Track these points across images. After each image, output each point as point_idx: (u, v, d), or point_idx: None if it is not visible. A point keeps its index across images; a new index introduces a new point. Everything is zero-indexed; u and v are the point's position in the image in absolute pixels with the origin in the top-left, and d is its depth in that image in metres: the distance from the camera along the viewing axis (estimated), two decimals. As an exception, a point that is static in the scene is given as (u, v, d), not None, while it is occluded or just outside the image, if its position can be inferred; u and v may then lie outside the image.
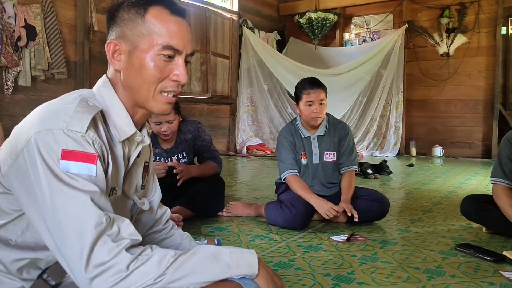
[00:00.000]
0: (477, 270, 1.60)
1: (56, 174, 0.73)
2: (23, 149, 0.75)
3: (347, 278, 1.51)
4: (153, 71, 0.84)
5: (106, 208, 0.75)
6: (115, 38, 0.86)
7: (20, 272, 0.83)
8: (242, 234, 2.07)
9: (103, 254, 0.71)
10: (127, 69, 0.86)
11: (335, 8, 7.05)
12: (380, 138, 6.63)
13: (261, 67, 6.68)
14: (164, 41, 0.84)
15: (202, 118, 6.06)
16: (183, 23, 0.87)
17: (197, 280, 0.76)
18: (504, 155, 1.95)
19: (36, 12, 3.88)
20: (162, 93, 0.87)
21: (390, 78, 6.45)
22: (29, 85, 3.86)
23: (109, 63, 0.88)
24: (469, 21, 6.12)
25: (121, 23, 0.86)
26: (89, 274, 0.70)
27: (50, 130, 0.74)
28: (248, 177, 4.23)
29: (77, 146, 0.75)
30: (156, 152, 2.39)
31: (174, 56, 0.86)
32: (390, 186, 3.72)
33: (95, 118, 0.80)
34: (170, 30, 0.84)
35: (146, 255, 0.74)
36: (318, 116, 2.30)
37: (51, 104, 0.81)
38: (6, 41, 3.61)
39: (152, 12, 0.84)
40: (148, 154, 1.05)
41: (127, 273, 0.71)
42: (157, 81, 0.85)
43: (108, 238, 0.72)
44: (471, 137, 6.24)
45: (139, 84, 0.85)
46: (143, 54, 0.84)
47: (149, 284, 0.72)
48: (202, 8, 6.12)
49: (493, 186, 1.99)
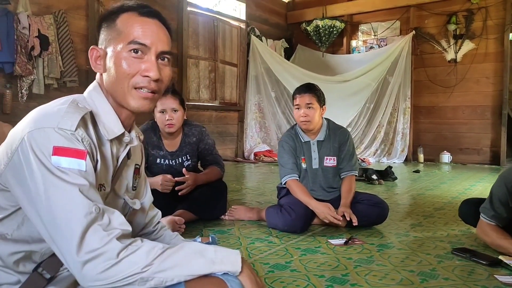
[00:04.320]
0: (472, 274, 1.62)
1: (48, 169, 0.78)
2: (17, 147, 0.80)
3: (341, 279, 1.54)
4: (123, 67, 0.90)
5: (95, 200, 0.80)
6: (97, 45, 0.95)
7: (17, 265, 0.88)
8: (243, 237, 2.13)
9: (95, 241, 0.76)
10: (105, 71, 0.93)
11: (343, 15, 7.11)
12: (388, 145, 6.63)
13: (268, 74, 6.77)
14: (130, 37, 0.90)
15: (210, 125, 6.15)
16: (152, 22, 0.93)
17: (182, 273, 0.80)
18: (496, 197, 1.84)
19: (49, 23, 4.03)
20: (136, 89, 0.92)
21: (397, 84, 6.47)
22: (42, 93, 3.99)
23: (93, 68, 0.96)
24: (476, 27, 6.12)
25: (101, 31, 0.95)
26: (81, 258, 0.75)
27: (42, 129, 0.80)
28: (254, 182, 4.29)
29: (67, 143, 0.80)
30: (161, 155, 2.45)
31: (144, 53, 0.91)
32: (394, 191, 3.74)
33: (84, 118, 0.86)
34: (136, 28, 0.91)
35: (136, 246, 0.79)
36: (306, 120, 2.34)
37: (44, 107, 0.87)
38: (21, 51, 3.75)
39: (123, 16, 0.93)
40: (139, 158, 1.11)
41: (116, 260, 0.76)
42: (128, 77, 0.91)
43: (99, 227, 0.77)
44: (480, 144, 6.20)
45: (115, 82, 0.92)
46: (115, 54, 0.91)
47: (136, 273, 0.77)
48: (211, 17, 6.24)
49: (480, 221, 1.93)
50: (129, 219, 1.07)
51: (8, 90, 3.76)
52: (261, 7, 7.15)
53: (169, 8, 5.50)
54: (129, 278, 0.77)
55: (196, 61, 6.06)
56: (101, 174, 0.91)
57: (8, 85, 3.78)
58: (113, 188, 0.98)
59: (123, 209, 1.05)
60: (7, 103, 3.74)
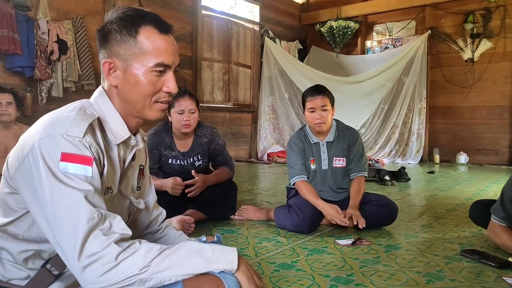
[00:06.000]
0: (479, 275, 1.61)
1: (56, 174, 0.81)
2: (28, 153, 0.84)
3: (346, 279, 1.55)
4: (147, 86, 0.94)
5: (99, 206, 0.83)
6: (109, 57, 0.95)
7: (26, 262, 0.92)
8: (251, 236, 2.16)
9: (95, 246, 0.79)
10: (123, 85, 0.95)
11: (357, 16, 7.07)
12: (402, 145, 6.56)
13: (282, 75, 6.79)
14: (156, 59, 0.93)
15: (224, 126, 6.21)
16: (171, 40, 0.96)
17: (179, 273, 0.83)
18: (507, 198, 1.82)
19: (67, 28, 4.16)
20: (156, 103, 0.97)
21: (412, 85, 6.40)
22: (61, 96, 4.12)
23: (105, 78, 0.98)
24: (494, 26, 6.00)
25: (114, 43, 0.94)
26: (82, 263, 0.78)
27: (51, 136, 0.84)
28: (267, 183, 4.32)
29: (75, 149, 0.84)
30: (173, 155, 2.51)
31: (165, 70, 0.95)
32: (407, 192, 3.71)
33: (92, 124, 0.90)
34: (160, 49, 0.93)
35: (133, 248, 0.82)
36: (322, 122, 2.35)
37: (54, 114, 0.91)
38: (40, 56, 3.89)
39: (143, 33, 0.93)
40: (143, 159, 1.15)
41: (115, 263, 0.79)
42: (152, 94, 0.95)
43: (100, 232, 0.80)
44: (497, 144, 6.07)
45: (136, 97, 0.95)
46: (137, 72, 0.93)
47: (135, 274, 0.80)
48: (225, 20, 6.31)
49: (491, 222, 1.91)
50: (134, 218, 1.12)
51: (28, 94, 3.91)
52: (275, 9, 7.18)
53: (184, 12, 5.60)
54: (128, 280, 0.79)
55: (210, 63, 6.13)
56: (109, 177, 0.95)
57: (28, 88, 3.92)
58: (120, 189, 1.02)
59: (128, 209, 1.08)
60: (28, 106, 3.88)
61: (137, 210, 1.12)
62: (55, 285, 0.91)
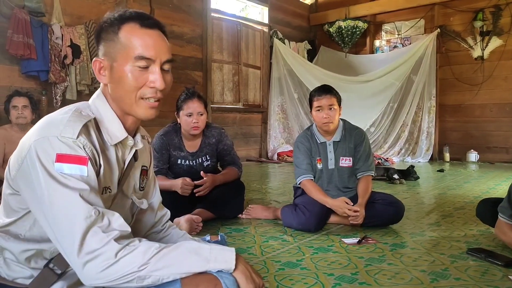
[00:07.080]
0: (485, 274, 1.61)
1: (52, 175, 0.83)
2: (26, 155, 0.86)
3: (350, 278, 1.58)
4: (130, 80, 0.93)
5: (96, 203, 0.85)
6: (99, 56, 0.97)
7: (28, 262, 0.93)
8: (258, 235, 2.20)
9: (94, 243, 0.81)
10: (111, 83, 0.96)
11: (365, 15, 7.06)
12: (412, 144, 6.53)
13: (291, 76, 6.83)
14: (136, 52, 0.92)
15: (234, 126, 6.28)
16: (154, 33, 0.95)
17: (177, 271, 0.85)
18: None
19: (80, 33, 4.26)
20: (143, 100, 0.95)
21: (422, 83, 6.37)
22: (75, 99, 4.21)
23: (97, 78, 0.98)
24: (504, 23, 5.94)
25: (103, 42, 0.96)
26: (82, 259, 0.80)
27: (46, 137, 0.86)
28: (276, 182, 4.36)
29: (69, 150, 0.85)
30: (182, 155, 2.56)
31: (149, 65, 0.94)
32: (416, 191, 3.71)
33: (87, 125, 0.91)
34: (141, 42, 0.93)
35: (133, 246, 0.83)
36: (329, 122, 2.37)
37: (50, 116, 0.93)
38: (55, 60, 4.00)
39: (125, 29, 0.94)
40: (147, 160, 1.16)
41: (115, 260, 0.81)
42: (135, 89, 0.94)
43: (99, 229, 0.82)
44: (508, 142, 6.01)
45: (122, 94, 0.95)
46: (121, 67, 0.93)
47: (133, 271, 0.81)
48: (234, 22, 6.37)
49: (499, 221, 1.91)
50: (138, 218, 1.14)
51: (43, 97, 4.02)
52: (284, 10, 7.21)
53: (194, 15, 5.67)
54: (127, 277, 0.81)
55: (220, 65, 6.20)
56: (106, 177, 0.96)
57: (43, 91, 4.04)
58: (121, 189, 1.03)
59: (131, 209, 1.10)
60: (43, 109, 3.99)
61: (141, 211, 1.13)
62: (59, 284, 0.93)
